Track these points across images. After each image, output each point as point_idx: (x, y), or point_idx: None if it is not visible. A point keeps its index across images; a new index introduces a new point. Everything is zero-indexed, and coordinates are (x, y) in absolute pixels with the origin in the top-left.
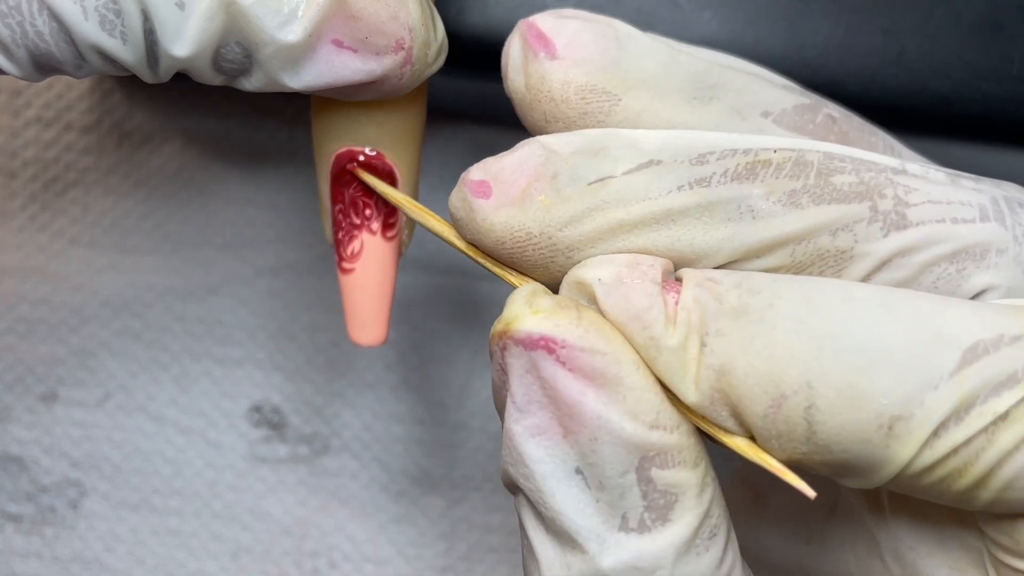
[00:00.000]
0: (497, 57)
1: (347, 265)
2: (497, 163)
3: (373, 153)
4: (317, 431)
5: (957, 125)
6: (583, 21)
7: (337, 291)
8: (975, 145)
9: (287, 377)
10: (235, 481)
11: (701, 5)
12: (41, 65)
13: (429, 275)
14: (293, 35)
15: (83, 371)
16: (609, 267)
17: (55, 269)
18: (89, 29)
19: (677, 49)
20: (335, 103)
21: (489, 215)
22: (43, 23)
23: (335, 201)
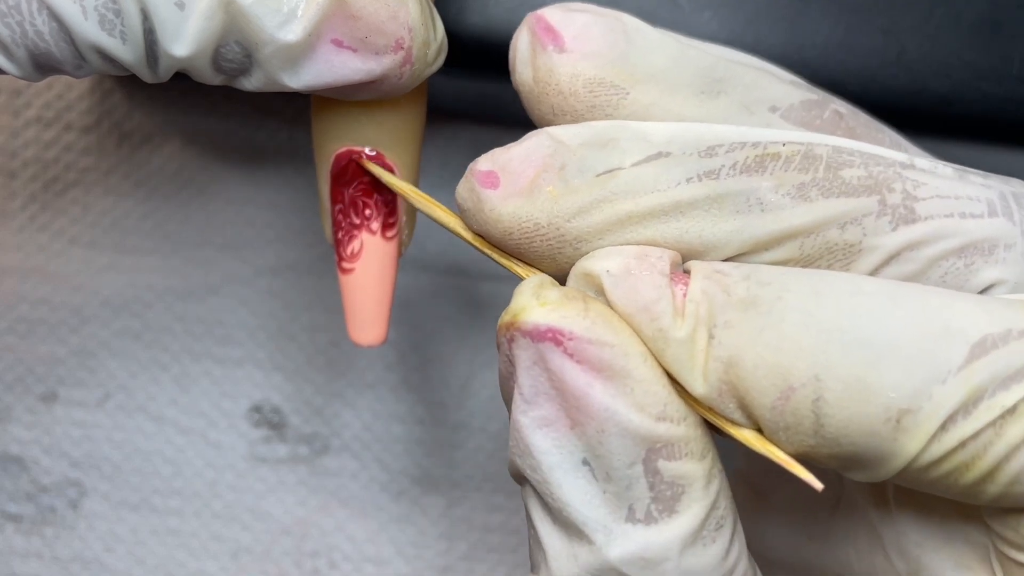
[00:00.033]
0: (497, 57)
1: (347, 265)
2: (505, 154)
3: (373, 153)
4: (317, 431)
5: (957, 125)
6: (592, 15)
7: (337, 291)
8: (975, 145)
9: (287, 377)
10: (235, 481)
11: (701, 5)
12: (41, 65)
13: (429, 275)
14: (293, 35)
15: (83, 371)
16: (617, 258)
17: (55, 269)
18: (89, 29)
19: (685, 44)
20: (335, 103)
21: (497, 205)
22: (43, 23)
23: (335, 201)
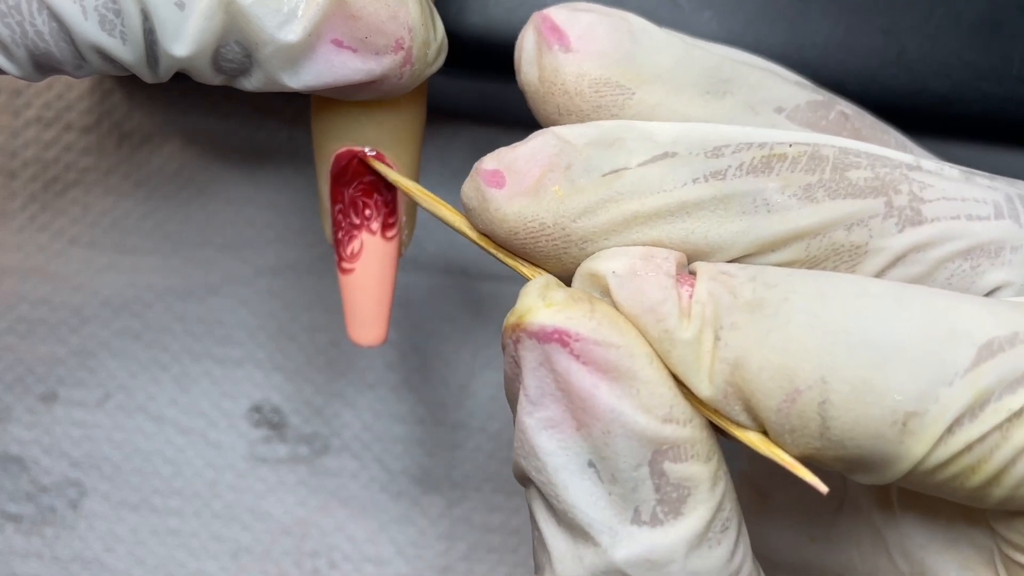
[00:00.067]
0: (497, 57)
1: (347, 265)
2: (511, 153)
3: (373, 153)
4: (317, 431)
5: (957, 125)
6: (597, 14)
7: (337, 291)
8: (975, 145)
9: (287, 377)
10: (235, 481)
11: (701, 5)
12: (41, 65)
13: (429, 275)
14: (293, 35)
15: (83, 371)
16: (623, 259)
17: (55, 269)
18: (89, 29)
19: (691, 44)
20: (335, 103)
21: (502, 205)
22: (43, 23)
23: (335, 201)
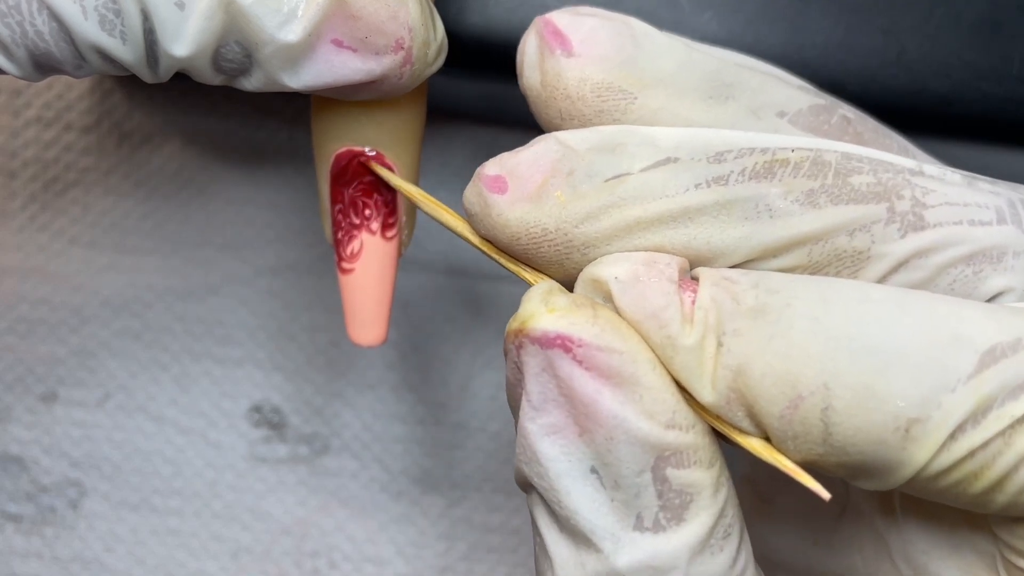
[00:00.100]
0: (497, 57)
1: (347, 265)
2: (513, 158)
3: (373, 153)
4: (317, 431)
5: (957, 125)
6: (600, 19)
7: (337, 291)
8: (975, 145)
9: (287, 377)
10: (235, 481)
11: (701, 5)
12: (41, 65)
13: (429, 275)
14: (293, 35)
15: (83, 371)
16: (625, 265)
17: (55, 269)
18: (89, 29)
19: (693, 48)
20: (335, 103)
21: (504, 210)
22: (43, 23)
23: (335, 201)
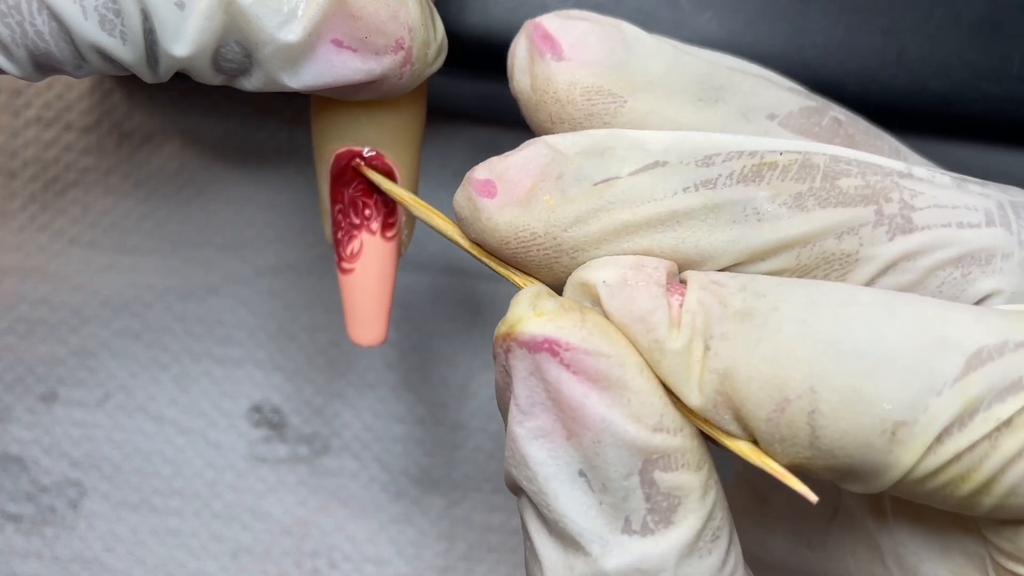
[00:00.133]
0: (497, 57)
1: (347, 265)
2: (502, 162)
3: (373, 153)
4: (317, 431)
5: (957, 125)
6: (590, 23)
7: (337, 291)
8: (975, 145)
9: (287, 377)
10: (235, 481)
11: (701, 5)
12: (41, 65)
13: (429, 275)
14: (293, 35)
15: (83, 371)
16: (614, 269)
17: (55, 269)
18: (89, 29)
19: (683, 51)
20: (335, 103)
21: (494, 215)
22: (43, 23)
23: (335, 201)
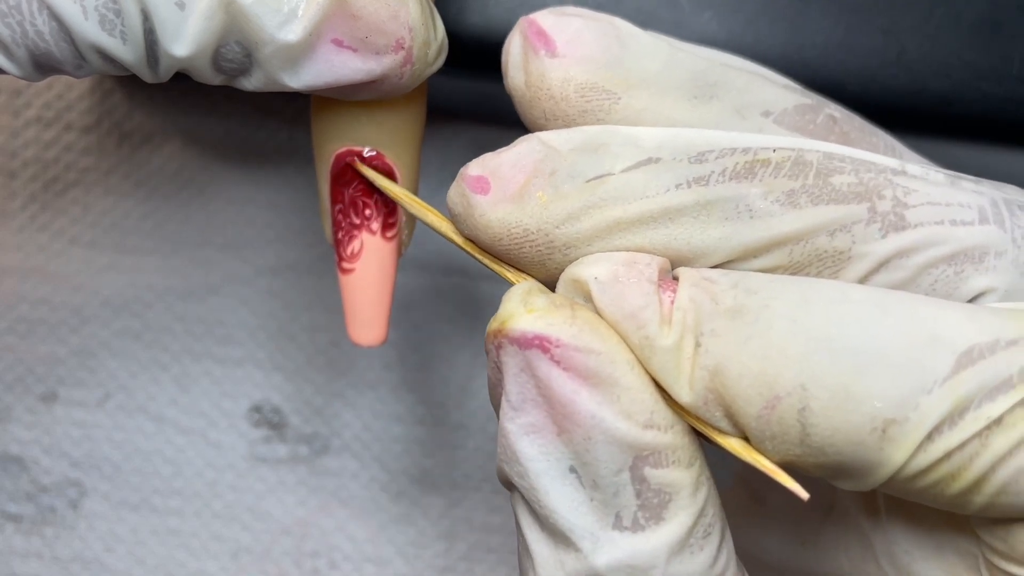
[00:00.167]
0: (497, 57)
1: (347, 265)
2: (495, 159)
3: (373, 153)
4: (317, 431)
5: (957, 125)
6: (584, 19)
7: (337, 291)
8: (975, 145)
9: (287, 377)
10: (235, 481)
11: (701, 5)
12: (41, 65)
13: (429, 275)
14: (293, 34)
15: (83, 371)
16: (605, 265)
17: (55, 269)
18: (89, 29)
19: (678, 47)
20: (335, 103)
21: (487, 211)
22: (43, 23)
23: (335, 201)
